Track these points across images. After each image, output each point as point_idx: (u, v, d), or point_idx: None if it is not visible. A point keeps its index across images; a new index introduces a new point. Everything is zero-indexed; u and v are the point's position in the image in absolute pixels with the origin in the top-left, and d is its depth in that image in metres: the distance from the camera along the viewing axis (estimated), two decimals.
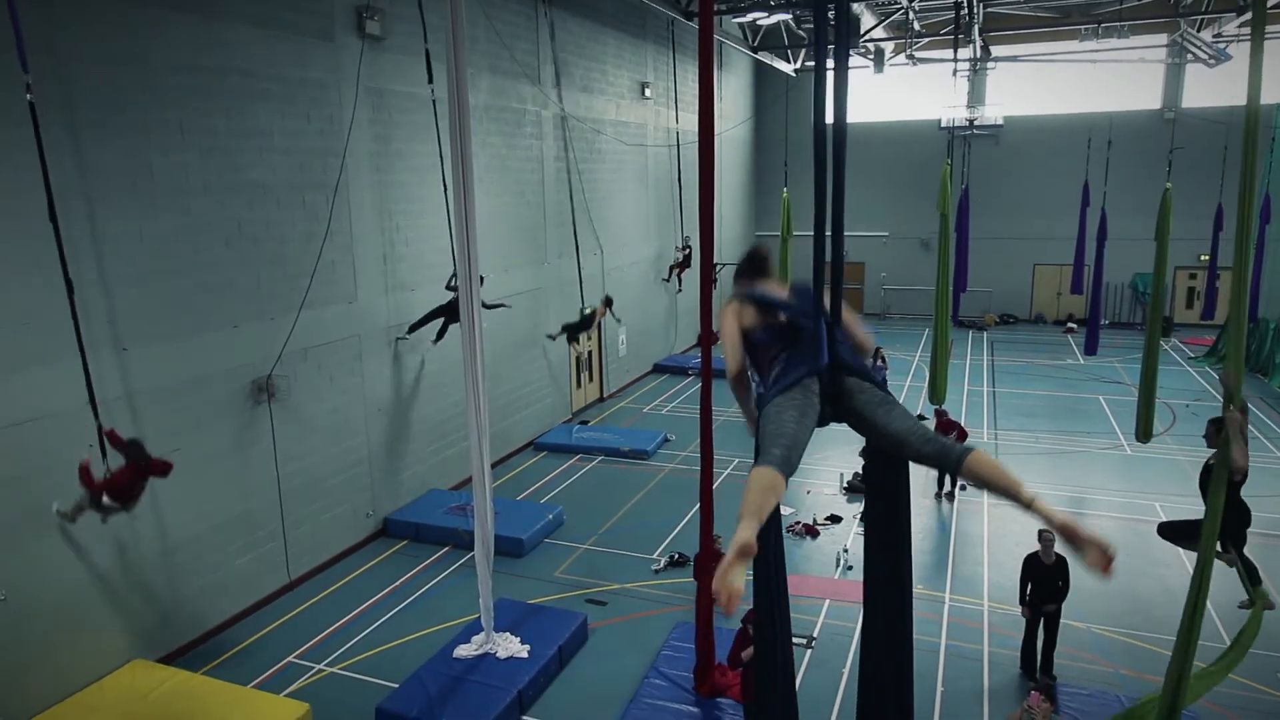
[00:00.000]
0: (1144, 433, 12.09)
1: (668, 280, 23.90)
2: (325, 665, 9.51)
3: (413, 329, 13.06)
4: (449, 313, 12.75)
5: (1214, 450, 6.97)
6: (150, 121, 9.05)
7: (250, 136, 10.24)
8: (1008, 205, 28.91)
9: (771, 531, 4.62)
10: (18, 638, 8.06)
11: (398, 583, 11.39)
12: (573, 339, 17.42)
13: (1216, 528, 5.55)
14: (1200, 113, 25.90)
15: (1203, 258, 24.57)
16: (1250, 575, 6.96)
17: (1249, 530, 6.94)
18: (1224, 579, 7.91)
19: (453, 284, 12.45)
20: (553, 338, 17.19)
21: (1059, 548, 8.92)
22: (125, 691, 8.58)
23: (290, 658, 9.65)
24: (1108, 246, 17.37)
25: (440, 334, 13.18)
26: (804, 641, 9.58)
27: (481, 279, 9.27)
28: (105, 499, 7.90)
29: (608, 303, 18.20)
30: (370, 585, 11.33)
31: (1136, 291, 28.34)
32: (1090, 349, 17.41)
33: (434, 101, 11.94)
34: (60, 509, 8.17)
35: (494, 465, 13.77)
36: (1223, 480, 5.51)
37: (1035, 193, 28.63)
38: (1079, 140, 22.98)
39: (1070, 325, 28.65)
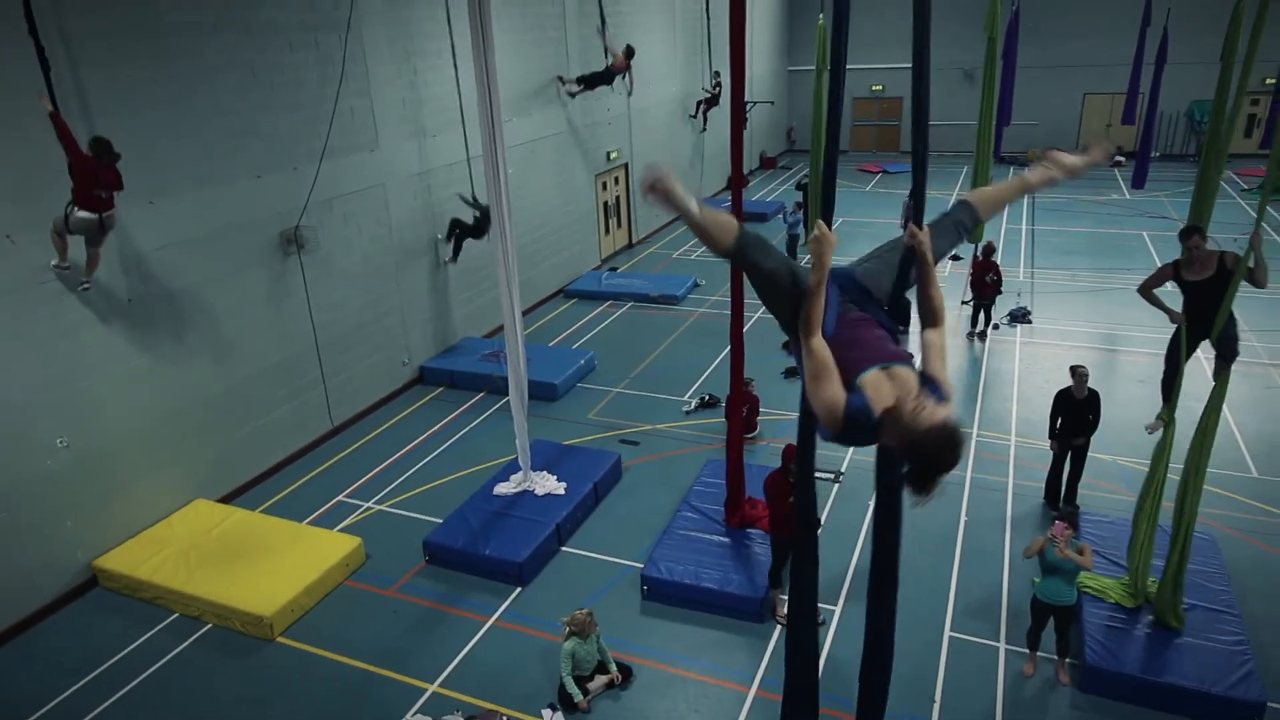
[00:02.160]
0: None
1: (694, 116, 23.05)
2: (373, 503, 10.02)
3: (454, 258, 13.39)
4: (473, 231, 13.07)
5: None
6: None
7: None
8: (1060, 28, 27.03)
9: None
10: (86, 480, 8.55)
11: (436, 427, 11.79)
12: (590, 87, 16.75)
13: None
14: None
15: (1268, 81, 23.03)
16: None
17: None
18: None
19: (479, 211, 12.73)
20: (572, 94, 16.55)
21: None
22: (191, 527, 9.17)
23: (340, 497, 10.17)
24: (1166, 71, 16.29)
25: (456, 253, 13.39)
26: (831, 476, 9.85)
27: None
28: (77, 210, 7.62)
29: (629, 53, 17.23)
30: (410, 429, 11.74)
31: (1192, 120, 26.83)
32: (1138, 183, 16.70)
33: None
34: (54, 263, 7.95)
35: (525, 313, 13.87)
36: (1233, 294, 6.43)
37: (1091, 13, 26.69)
38: None
39: (1118, 159, 27.38)
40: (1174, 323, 7.27)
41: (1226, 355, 6.90)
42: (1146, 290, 7.43)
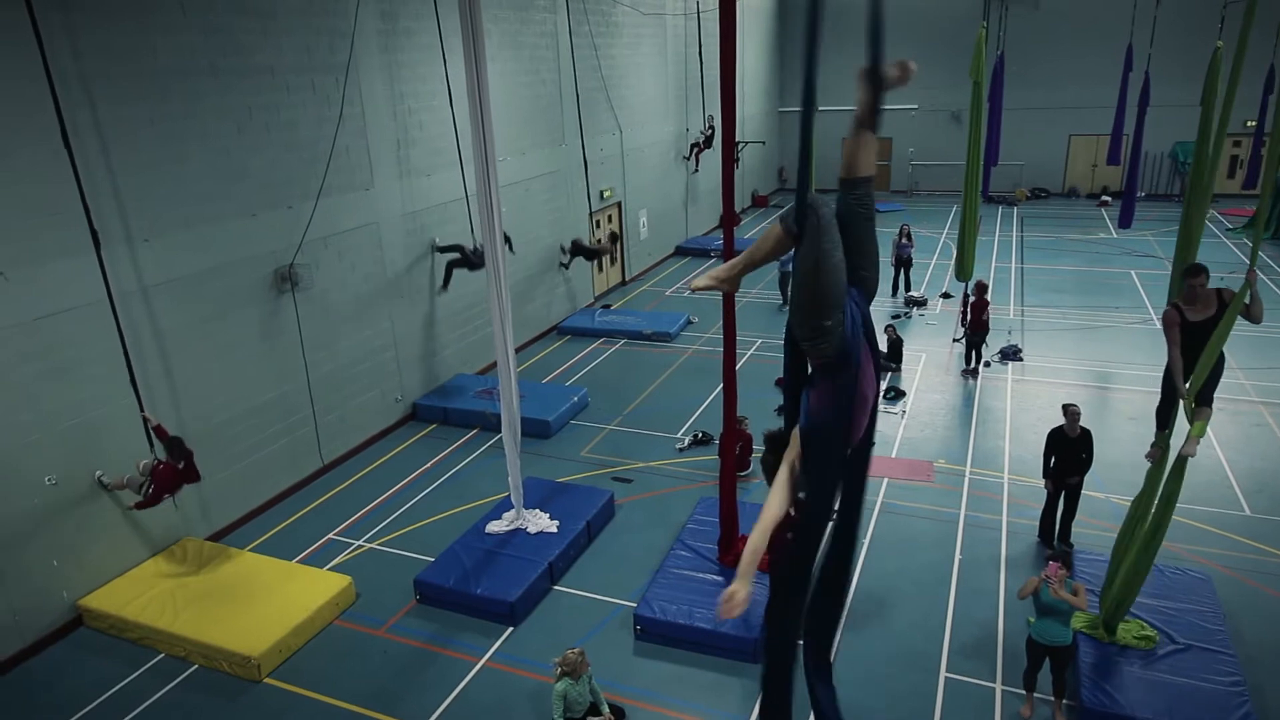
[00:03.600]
0: None
1: (688, 159, 23.36)
2: (364, 541, 9.93)
3: (445, 286, 13.48)
4: (465, 263, 13.18)
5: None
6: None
7: (252, 16, 9.89)
8: (1044, 72, 27.59)
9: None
10: (73, 518, 8.46)
11: (429, 464, 11.73)
12: (575, 255, 17.44)
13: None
14: None
15: (1249, 123, 23.48)
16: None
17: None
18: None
19: (477, 249, 12.88)
20: (565, 265, 17.29)
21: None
22: (178, 566, 9.06)
23: (330, 535, 10.08)
24: (1149, 114, 16.60)
25: (447, 281, 13.48)
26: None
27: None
28: (157, 493, 8.46)
29: (614, 238, 18.31)
30: (402, 467, 11.68)
31: (1176, 161, 27.29)
32: (1124, 222, 16.92)
33: None
34: (103, 479, 8.63)
35: (518, 350, 13.91)
36: (1228, 329, 6.28)
37: (1074, 58, 27.24)
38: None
39: (1105, 198, 27.81)
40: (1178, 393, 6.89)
41: (1204, 396, 6.73)
42: (1176, 362, 6.82)
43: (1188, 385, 6.63)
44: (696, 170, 23.83)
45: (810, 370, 3.80)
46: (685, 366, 14.95)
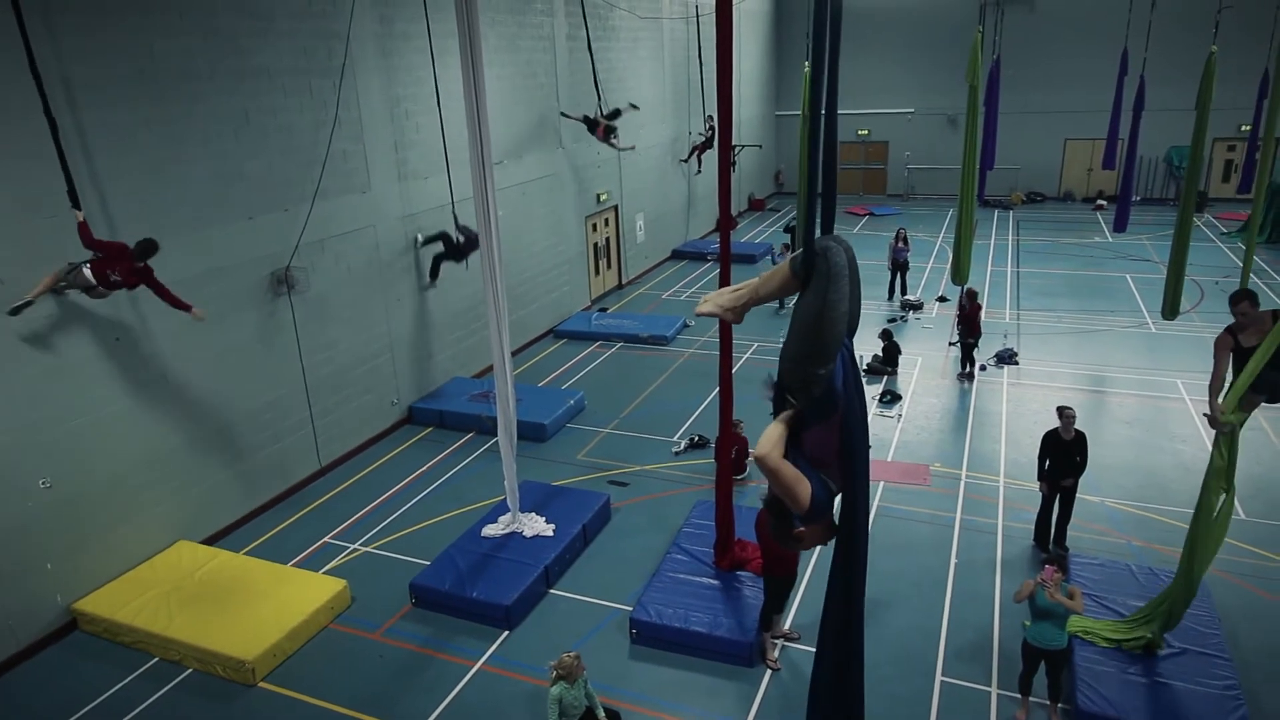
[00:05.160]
0: (1171, 309, 11.91)
1: (686, 160, 23.38)
2: (359, 545, 9.91)
3: (433, 279, 13.37)
4: (453, 254, 13.10)
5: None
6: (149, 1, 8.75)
7: (250, 18, 9.89)
8: (1040, 77, 27.68)
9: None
10: (68, 522, 8.44)
11: (425, 467, 11.71)
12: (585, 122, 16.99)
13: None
14: None
15: (1244, 128, 23.55)
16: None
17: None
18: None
19: (458, 235, 12.83)
20: (564, 115, 16.78)
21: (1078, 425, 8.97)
22: (173, 570, 9.03)
23: (326, 538, 10.06)
24: (1144, 118, 16.67)
25: (435, 274, 13.38)
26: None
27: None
28: (85, 269, 7.82)
29: (619, 113, 17.53)
30: (398, 470, 11.66)
31: (1171, 165, 27.37)
32: (1120, 226, 17.00)
33: None
34: (19, 303, 7.69)
35: (515, 353, 13.90)
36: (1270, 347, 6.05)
37: (1070, 62, 27.33)
38: (1119, 3, 21.72)
39: (1100, 202, 27.89)
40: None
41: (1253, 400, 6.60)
42: (1217, 381, 6.75)
43: (1222, 400, 6.49)
44: (700, 171, 23.86)
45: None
46: (681, 370, 14.95)
